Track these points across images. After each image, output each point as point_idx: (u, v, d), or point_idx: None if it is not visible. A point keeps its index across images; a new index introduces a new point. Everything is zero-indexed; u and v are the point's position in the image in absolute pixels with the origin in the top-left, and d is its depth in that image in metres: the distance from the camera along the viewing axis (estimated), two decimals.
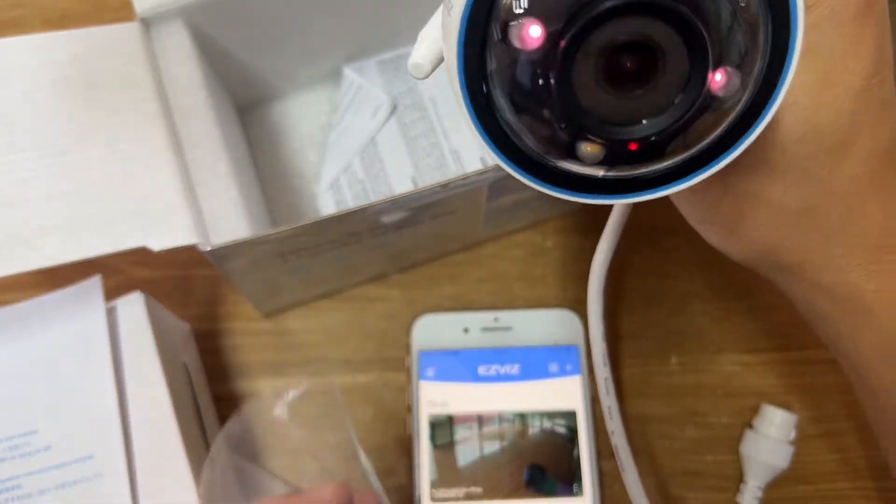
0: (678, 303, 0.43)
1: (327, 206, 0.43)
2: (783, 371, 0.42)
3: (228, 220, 0.34)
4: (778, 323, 0.42)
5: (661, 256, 0.44)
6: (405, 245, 0.40)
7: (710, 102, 0.18)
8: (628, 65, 0.18)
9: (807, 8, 0.19)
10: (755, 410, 0.41)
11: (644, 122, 0.19)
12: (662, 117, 0.18)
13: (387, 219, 0.36)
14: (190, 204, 0.33)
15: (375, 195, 0.43)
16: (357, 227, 0.35)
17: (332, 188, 0.43)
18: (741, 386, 0.42)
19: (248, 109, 0.45)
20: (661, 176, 0.20)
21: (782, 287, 0.28)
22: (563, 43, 0.17)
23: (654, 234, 0.43)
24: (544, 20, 0.17)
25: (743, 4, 0.18)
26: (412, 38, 0.45)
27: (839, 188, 0.23)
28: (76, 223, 0.31)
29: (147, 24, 0.35)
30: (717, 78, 0.18)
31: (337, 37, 0.43)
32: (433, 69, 0.21)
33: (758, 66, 0.19)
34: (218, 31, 0.38)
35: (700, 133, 0.19)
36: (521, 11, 0.18)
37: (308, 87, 0.45)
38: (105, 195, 0.32)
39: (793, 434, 0.39)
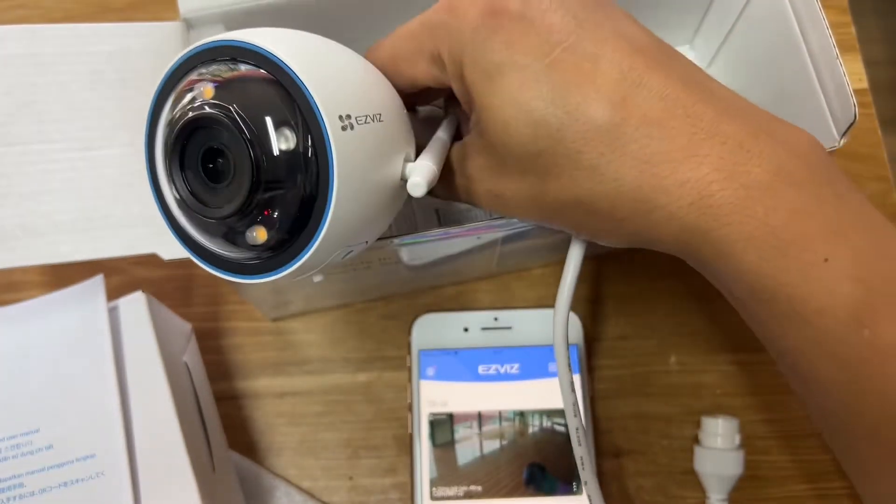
0: (677, 303, 0.43)
1: None
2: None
3: None
4: None
5: (660, 256, 0.44)
6: (417, 275, 0.40)
7: (271, 187, 0.22)
8: (210, 165, 0.23)
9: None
10: (755, 409, 0.41)
11: (226, 205, 0.23)
12: (236, 201, 0.23)
13: (409, 262, 0.36)
14: None
15: (396, 221, 0.43)
16: (372, 257, 0.35)
17: None
18: (741, 385, 0.42)
19: None
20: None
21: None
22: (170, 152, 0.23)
23: None
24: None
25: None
26: None
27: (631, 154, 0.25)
28: (91, 222, 0.31)
29: (189, 25, 0.35)
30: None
31: None
32: (428, 188, 0.26)
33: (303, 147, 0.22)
34: None
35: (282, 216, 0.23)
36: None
37: None
38: (122, 196, 0.32)
39: (738, 438, 0.39)
